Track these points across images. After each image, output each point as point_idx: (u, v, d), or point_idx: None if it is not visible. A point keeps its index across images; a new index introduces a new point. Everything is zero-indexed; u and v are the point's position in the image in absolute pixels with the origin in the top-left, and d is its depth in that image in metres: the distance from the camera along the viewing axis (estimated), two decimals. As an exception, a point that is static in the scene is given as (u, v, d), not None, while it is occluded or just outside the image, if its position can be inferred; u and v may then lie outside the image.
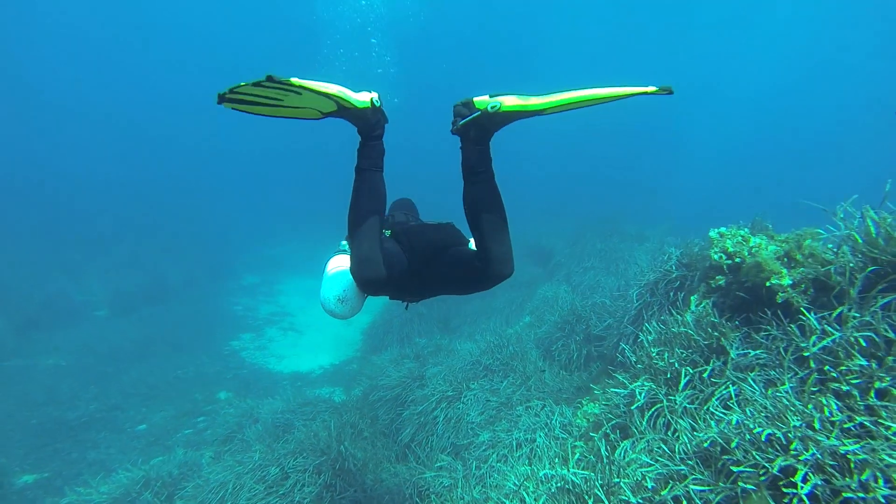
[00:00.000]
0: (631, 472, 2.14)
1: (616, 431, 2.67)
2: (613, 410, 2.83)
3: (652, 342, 2.86)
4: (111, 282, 13.09)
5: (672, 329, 2.78)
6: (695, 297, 2.95)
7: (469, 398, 5.23)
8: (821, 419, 1.81)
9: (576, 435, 3.27)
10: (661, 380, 2.58)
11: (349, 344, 10.68)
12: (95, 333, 10.57)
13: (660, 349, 2.75)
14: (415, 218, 2.86)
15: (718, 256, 2.76)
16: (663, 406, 2.46)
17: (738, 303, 2.71)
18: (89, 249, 15.16)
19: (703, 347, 2.58)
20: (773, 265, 2.42)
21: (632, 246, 9.91)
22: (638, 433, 2.42)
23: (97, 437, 7.15)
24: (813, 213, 2.77)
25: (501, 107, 1.83)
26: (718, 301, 2.86)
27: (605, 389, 3.24)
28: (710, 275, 2.91)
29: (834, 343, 2.10)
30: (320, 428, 5.79)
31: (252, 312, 12.73)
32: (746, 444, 1.86)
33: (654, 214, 14.73)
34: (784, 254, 2.49)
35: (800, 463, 1.70)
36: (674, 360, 2.56)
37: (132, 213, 19.18)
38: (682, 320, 2.76)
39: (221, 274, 15.05)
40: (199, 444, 6.90)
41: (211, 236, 17.60)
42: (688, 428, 2.16)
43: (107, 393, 8.22)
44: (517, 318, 8.81)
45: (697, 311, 2.78)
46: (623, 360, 3.11)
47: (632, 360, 2.92)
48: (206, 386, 8.73)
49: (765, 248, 2.56)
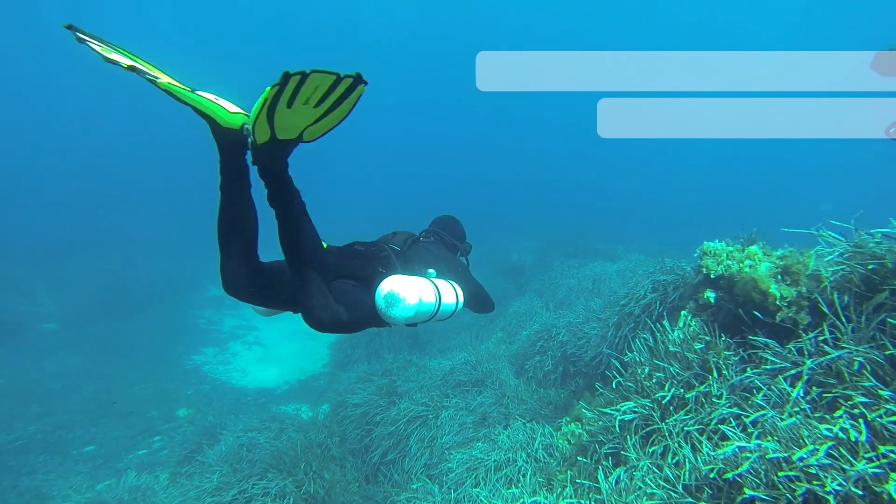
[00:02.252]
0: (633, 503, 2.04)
1: (608, 458, 2.57)
2: (603, 434, 2.72)
3: (642, 362, 2.78)
4: (62, 293, 12.30)
5: (660, 348, 2.72)
6: (684, 312, 2.90)
7: (444, 417, 5.06)
8: (841, 443, 1.73)
9: (558, 458, 3.15)
10: (654, 402, 2.50)
11: (316, 359, 10.36)
12: (42, 348, 9.87)
13: (650, 369, 2.67)
14: (435, 236, 2.91)
15: (710, 272, 2.73)
16: (660, 429, 2.36)
17: (731, 320, 2.67)
18: (37, 260, 14.22)
19: (696, 367, 2.52)
20: (768, 283, 2.40)
21: (604, 262, 9.99)
22: (634, 459, 2.32)
23: (34, 462, 6.45)
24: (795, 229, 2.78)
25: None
26: (708, 319, 2.82)
27: (592, 409, 3.15)
28: (700, 291, 2.87)
29: (838, 361, 2.03)
30: (286, 447, 5.50)
31: (216, 326, 12.21)
32: (760, 471, 1.77)
33: (625, 230, 15.03)
34: (780, 270, 2.47)
35: (828, 494, 1.61)
36: (665, 382, 2.48)
37: (87, 220, 18.27)
38: (671, 339, 2.70)
39: (185, 286, 14.39)
40: (153, 466, 6.46)
41: (175, 246, 16.90)
42: (690, 455, 2.07)
43: (51, 412, 7.57)
44: (488, 333, 8.71)
45: (687, 329, 2.73)
46: (609, 377, 3.02)
47: (620, 380, 2.83)
48: (164, 402, 8.23)
49: (760, 264, 2.54)
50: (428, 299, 2.06)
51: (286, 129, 1.56)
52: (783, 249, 2.65)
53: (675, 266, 3.98)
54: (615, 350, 3.93)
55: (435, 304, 2.12)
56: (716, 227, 3.72)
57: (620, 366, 2.95)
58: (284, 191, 1.73)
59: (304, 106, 1.50)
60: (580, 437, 3.07)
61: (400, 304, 1.96)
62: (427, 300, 2.05)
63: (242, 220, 1.80)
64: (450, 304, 2.28)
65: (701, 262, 2.87)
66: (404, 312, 1.97)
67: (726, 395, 2.23)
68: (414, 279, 2.09)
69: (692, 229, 20.32)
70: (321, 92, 1.47)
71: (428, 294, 2.07)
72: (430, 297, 2.07)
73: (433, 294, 2.11)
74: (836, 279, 2.32)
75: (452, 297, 2.33)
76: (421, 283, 2.09)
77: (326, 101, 1.50)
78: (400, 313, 1.97)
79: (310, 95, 1.47)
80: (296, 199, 1.77)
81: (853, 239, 2.38)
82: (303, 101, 1.48)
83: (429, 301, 2.06)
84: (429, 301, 2.06)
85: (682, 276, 3.67)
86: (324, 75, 1.43)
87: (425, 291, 2.06)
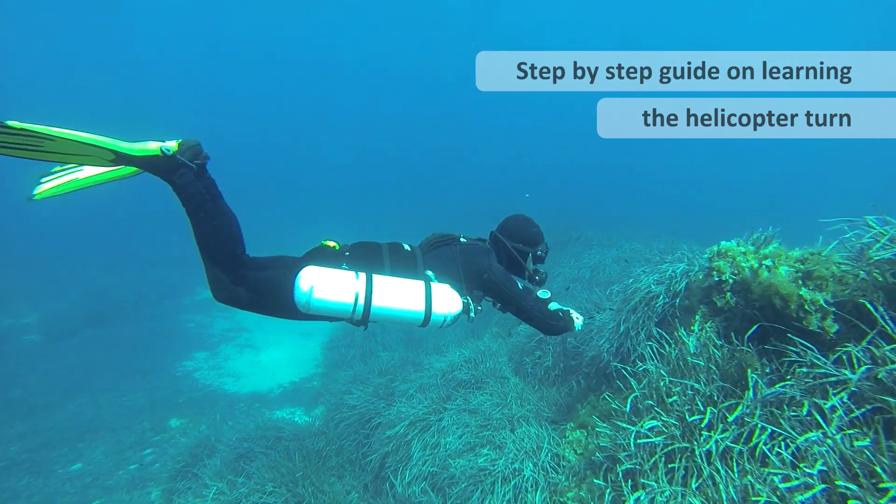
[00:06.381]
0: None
1: (627, 480, 2.38)
2: (616, 451, 2.52)
3: (662, 374, 2.57)
4: (45, 303, 11.90)
5: (673, 354, 2.54)
6: (697, 317, 2.73)
7: (446, 420, 4.90)
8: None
9: (566, 472, 2.98)
10: (674, 417, 2.32)
11: (309, 360, 10.17)
12: (24, 362, 9.52)
13: (668, 381, 2.48)
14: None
15: (722, 274, 2.55)
16: (687, 450, 2.17)
17: (747, 327, 2.48)
18: (15, 269, 13.75)
19: (718, 380, 2.32)
20: (792, 287, 2.22)
21: (601, 250, 9.85)
22: (656, 484, 2.14)
23: (16, 486, 6.10)
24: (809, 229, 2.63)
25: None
26: (721, 324, 2.65)
27: (603, 420, 2.97)
28: (712, 294, 2.70)
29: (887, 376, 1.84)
30: (282, 458, 5.33)
31: (206, 329, 11.95)
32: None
33: (622, 220, 14.91)
34: (802, 274, 2.30)
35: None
36: (693, 398, 2.29)
37: (69, 227, 17.74)
38: (687, 350, 2.50)
39: (173, 290, 14.07)
40: (145, 482, 6.25)
41: (160, 250, 16.46)
42: (723, 481, 1.89)
43: (35, 430, 7.25)
44: (484, 328, 8.55)
45: (704, 336, 2.55)
46: (616, 383, 2.85)
47: (636, 393, 2.62)
48: (155, 413, 7.99)
49: (780, 267, 2.36)
50: (342, 297, 2.07)
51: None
52: (801, 250, 2.47)
53: (693, 263, 3.79)
54: (620, 352, 3.76)
55: (381, 306, 2.11)
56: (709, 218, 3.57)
57: (629, 374, 2.76)
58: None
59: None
60: (587, 448, 2.92)
61: (299, 289, 2.08)
62: (340, 298, 2.07)
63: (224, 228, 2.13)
64: (440, 314, 2.15)
65: (712, 263, 2.68)
66: (299, 297, 2.07)
67: (759, 412, 2.05)
68: (338, 273, 2.11)
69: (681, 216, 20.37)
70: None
71: (342, 291, 2.07)
72: (345, 296, 2.07)
73: (386, 297, 2.11)
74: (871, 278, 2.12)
75: (445, 305, 2.17)
76: (348, 280, 2.10)
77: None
78: (298, 296, 2.08)
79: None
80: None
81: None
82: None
83: (340, 299, 2.07)
84: (340, 299, 2.07)
85: (701, 276, 3.44)
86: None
87: (343, 288, 2.08)
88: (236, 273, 2.11)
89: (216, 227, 2.06)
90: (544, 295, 2.54)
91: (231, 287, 2.10)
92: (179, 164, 1.96)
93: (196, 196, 2.01)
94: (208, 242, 2.06)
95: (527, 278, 2.59)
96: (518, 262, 2.55)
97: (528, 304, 2.40)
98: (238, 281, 2.11)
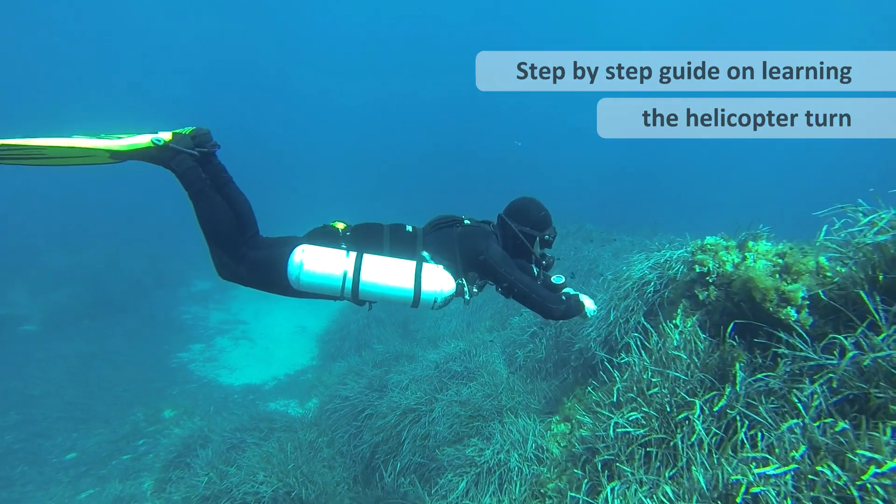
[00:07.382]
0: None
1: (604, 471, 2.40)
2: (595, 442, 2.54)
3: (645, 366, 2.57)
4: (42, 293, 11.90)
5: (657, 346, 2.54)
6: (679, 310, 2.74)
7: (437, 411, 4.92)
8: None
9: (549, 464, 3.00)
10: (654, 408, 2.33)
11: (303, 352, 10.19)
12: (21, 352, 9.57)
13: (650, 372, 2.49)
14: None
15: (704, 268, 2.55)
16: (664, 441, 2.18)
17: (728, 320, 2.48)
18: (14, 259, 13.74)
19: (698, 372, 2.32)
20: (770, 281, 2.23)
21: (599, 244, 9.86)
22: (631, 473, 2.16)
23: (11, 474, 6.18)
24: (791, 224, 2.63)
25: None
26: (703, 318, 2.65)
27: (585, 412, 2.98)
28: (694, 288, 2.70)
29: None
30: (275, 449, 5.36)
31: (202, 321, 11.95)
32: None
33: (623, 216, 14.90)
34: (781, 268, 2.30)
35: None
36: (665, 389, 2.31)
37: (66, 217, 17.69)
38: (669, 341, 2.51)
39: (170, 281, 14.03)
40: (138, 472, 6.29)
41: (158, 241, 16.45)
42: (699, 469, 1.90)
43: (31, 419, 7.30)
44: (478, 321, 8.56)
45: (686, 328, 2.56)
46: (601, 374, 2.85)
47: (619, 386, 2.63)
48: (149, 403, 8.01)
49: (759, 261, 2.37)
50: (330, 272, 2.14)
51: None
52: (782, 245, 2.47)
53: (678, 258, 3.79)
54: (608, 342, 3.77)
55: (368, 283, 2.16)
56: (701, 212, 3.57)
57: (614, 366, 2.77)
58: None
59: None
60: (570, 440, 2.93)
61: (291, 264, 2.16)
62: (328, 272, 2.14)
63: (227, 212, 2.29)
64: (429, 293, 2.18)
65: (694, 258, 2.68)
66: (291, 272, 2.16)
67: (741, 402, 2.05)
68: (329, 251, 2.18)
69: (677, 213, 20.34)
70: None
71: (330, 267, 2.15)
72: (333, 272, 2.15)
73: (374, 274, 2.15)
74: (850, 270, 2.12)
75: (435, 285, 2.19)
76: (338, 258, 2.16)
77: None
78: (290, 272, 2.16)
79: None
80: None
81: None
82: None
83: (329, 273, 2.15)
84: (329, 273, 2.15)
85: (683, 270, 3.45)
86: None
87: (331, 264, 2.15)
88: (238, 252, 2.24)
89: (217, 211, 2.20)
90: (558, 280, 2.56)
91: (232, 266, 2.23)
92: (175, 152, 2.09)
93: (196, 182, 2.14)
94: (209, 225, 2.20)
95: (533, 262, 2.54)
96: (525, 246, 2.49)
97: (525, 286, 2.33)
98: (238, 260, 2.24)
